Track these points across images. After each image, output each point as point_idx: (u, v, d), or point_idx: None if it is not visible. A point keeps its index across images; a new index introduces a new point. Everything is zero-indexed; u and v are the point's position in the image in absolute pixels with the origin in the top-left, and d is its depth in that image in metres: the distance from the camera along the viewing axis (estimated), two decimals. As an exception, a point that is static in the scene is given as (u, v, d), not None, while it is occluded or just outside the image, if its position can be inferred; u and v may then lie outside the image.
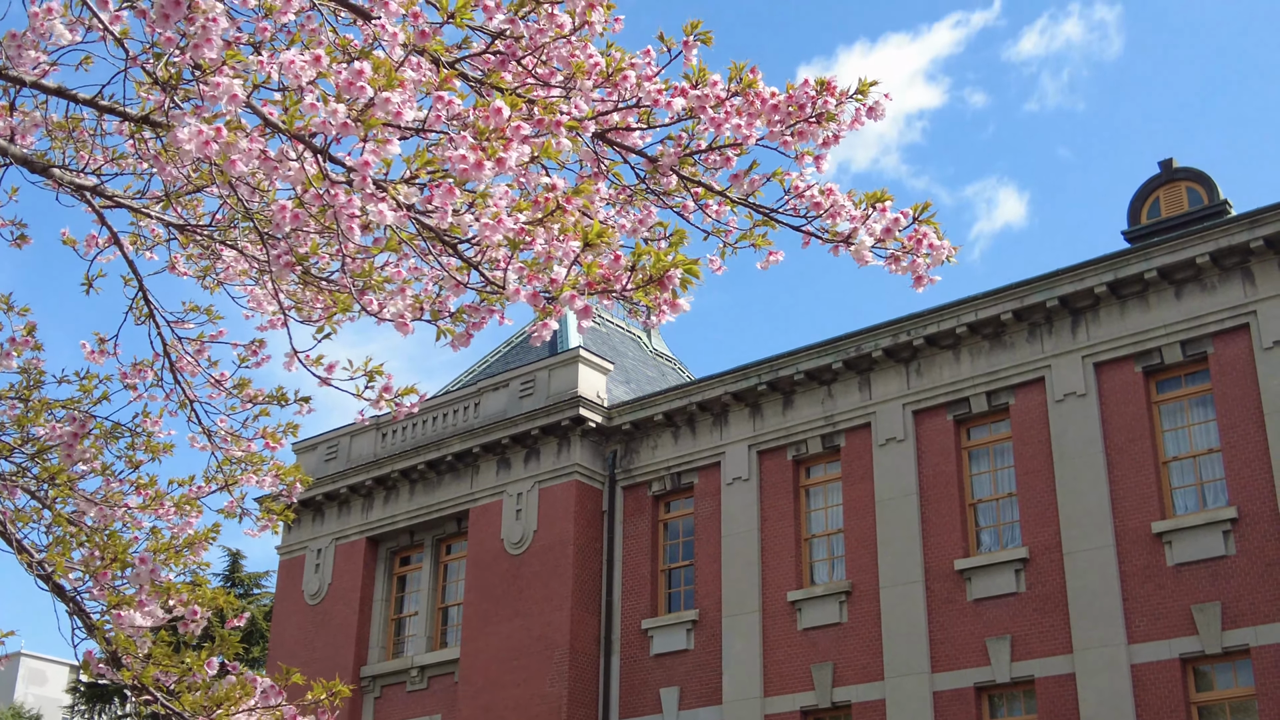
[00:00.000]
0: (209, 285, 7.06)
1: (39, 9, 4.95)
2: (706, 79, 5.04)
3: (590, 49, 4.97)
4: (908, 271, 5.08)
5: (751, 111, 5.02)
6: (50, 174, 6.15)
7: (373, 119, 4.17)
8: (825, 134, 5.07)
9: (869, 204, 5.06)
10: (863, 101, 5.10)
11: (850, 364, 25.67)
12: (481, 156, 4.17)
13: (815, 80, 5.06)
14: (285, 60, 4.29)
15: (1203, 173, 26.15)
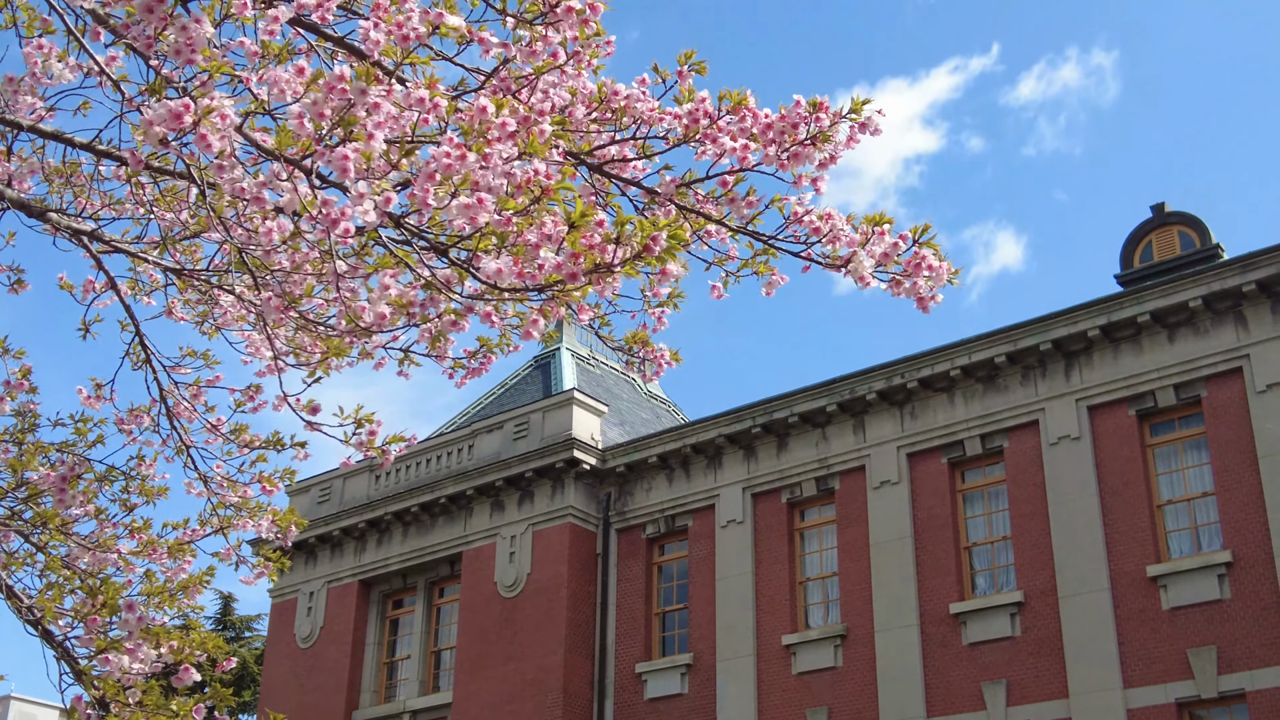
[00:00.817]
0: (207, 330, 7.06)
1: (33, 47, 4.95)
2: (695, 96, 5.01)
3: (583, 77, 4.98)
4: (910, 295, 5.08)
5: (744, 129, 5.01)
6: (48, 218, 6.15)
7: (352, 117, 4.16)
8: (821, 155, 5.06)
9: (869, 227, 5.05)
10: (857, 119, 5.09)
11: (844, 406, 25.67)
12: (465, 150, 4.14)
13: (808, 101, 5.05)
14: (272, 78, 4.28)
15: (1195, 217, 26.26)
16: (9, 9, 5.20)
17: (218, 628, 47.50)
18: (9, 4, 5.23)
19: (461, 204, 4.18)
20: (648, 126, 5.03)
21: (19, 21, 5.14)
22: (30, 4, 5.18)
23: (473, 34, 4.54)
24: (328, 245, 4.72)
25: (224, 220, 5.13)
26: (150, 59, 4.18)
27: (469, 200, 4.18)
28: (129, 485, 7.63)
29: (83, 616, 6.53)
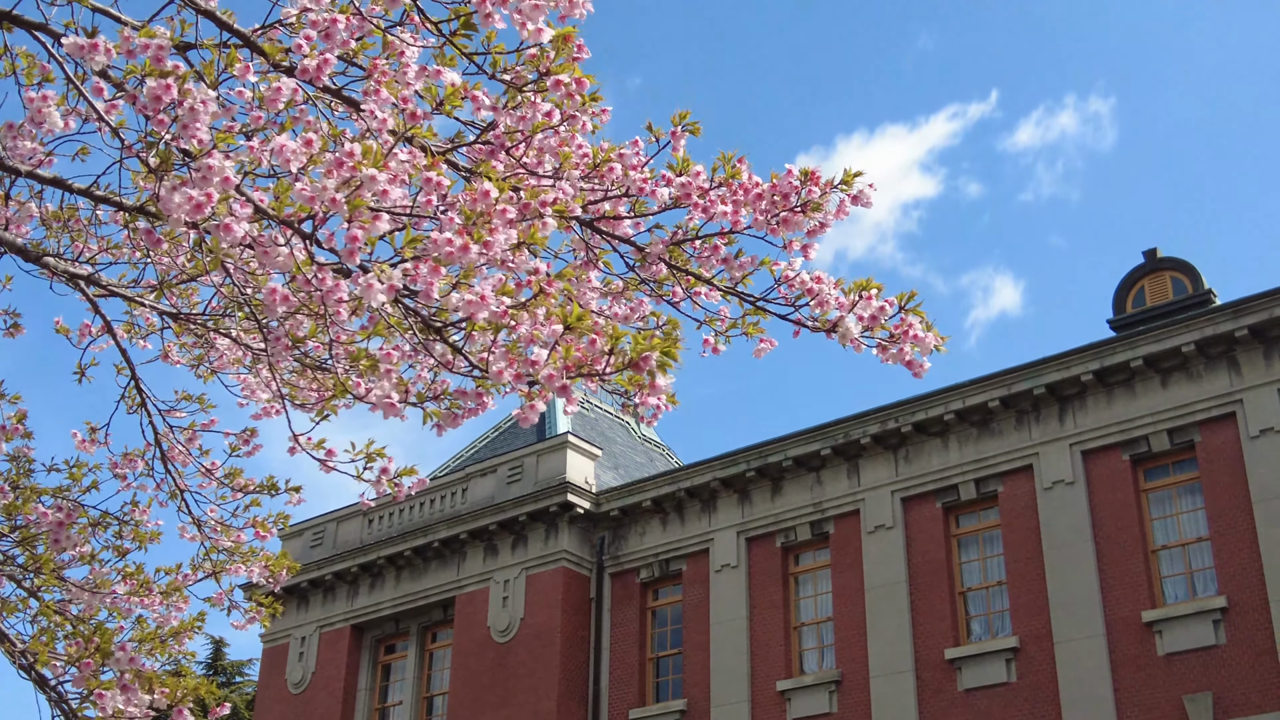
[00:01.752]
0: (202, 374, 7.08)
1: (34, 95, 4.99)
2: (690, 169, 5.10)
3: (578, 139, 5.04)
4: (898, 360, 5.11)
5: (737, 200, 5.08)
6: (44, 263, 6.17)
7: (359, 199, 4.21)
8: (811, 223, 5.12)
9: (856, 291, 5.10)
10: (848, 191, 5.16)
11: (839, 450, 25.67)
12: (468, 240, 4.20)
13: (800, 170, 5.12)
14: (276, 145, 4.33)
15: (1187, 262, 26.37)
16: (8, 56, 5.24)
17: (209, 673, 47.24)
18: (8, 52, 5.27)
19: (464, 299, 4.24)
20: (640, 194, 5.10)
21: (18, 69, 5.18)
22: (30, 52, 5.22)
23: (467, 90, 4.60)
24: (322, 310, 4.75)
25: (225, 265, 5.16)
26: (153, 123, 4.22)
27: (471, 297, 4.24)
28: (122, 530, 7.63)
29: (75, 661, 6.51)
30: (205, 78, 4.54)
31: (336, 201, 4.10)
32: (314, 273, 4.44)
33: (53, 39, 5.06)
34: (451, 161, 4.94)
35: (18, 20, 5.03)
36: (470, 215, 4.32)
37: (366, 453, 5.94)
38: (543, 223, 4.59)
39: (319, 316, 5.54)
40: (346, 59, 4.85)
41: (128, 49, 4.26)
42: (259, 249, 4.48)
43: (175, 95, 4.22)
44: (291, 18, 4.83)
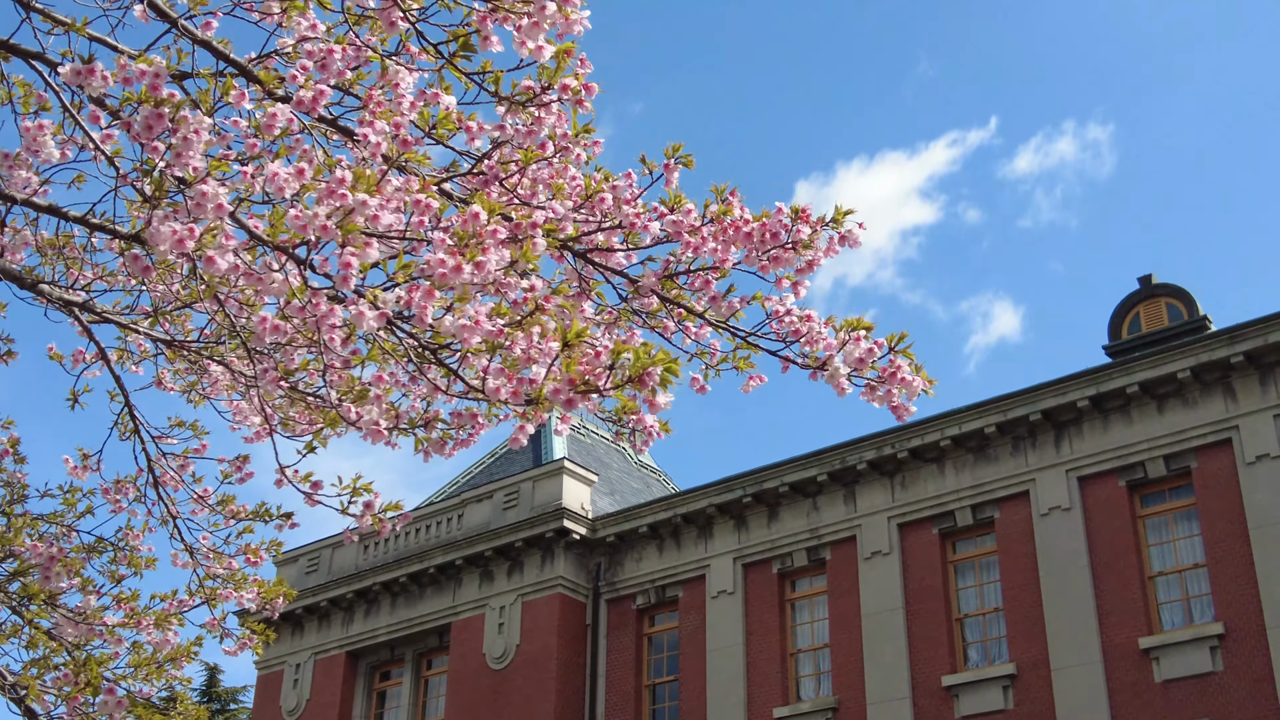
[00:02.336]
0: (195, 399, 7.08)
1: (31, 125, 5.01)
2: (682, 204, 5.12)
3: (571, 170, 5.06)
4: (884, 403, 5.11)
5: (727, 237, 5.10)
6: (39, 290, 6.18)
7: (351, 225, 4.22)
8: (801, 261, 5.14)
9: (846, 331, 5.10)
10: (838, 229, 5.17)
11: (835, 476, 25.66)
12: (460, 260, 4.21)
13: (790, 208, 5.13)
14: (270, 172, 4.34)
15: (1182, 288, 26.42)
16: (5, 85, 5.26)
17: (203, 700, 47.06)
18: (5, 80, 5.29)
19: (458, 324, 4.25)
20: (632, 227, 5.12)
21: (15, 98, 5.19)
22: (27, 81, 5.24)
23: (461, 121, 4.61)
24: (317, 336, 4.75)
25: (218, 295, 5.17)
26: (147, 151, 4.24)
27: (465, 321, 4.24)
28: (117, 556, 7.62)
29: (66, 697, 6.50)
30: (201, 105, 4.55)
31: (328, 229, 4.11)
32: (308, 299, 4.44)
33: (49, 68, 5.08)
34: (445, 191, 4.96)
35: (14, 49, 5.05)
36: (462, 236, 4.33)
37: (353, 486, 5.94)
38: (533, 242, 4.59)
39: (313, 344, 5.55)
40: (343, 89, 4.87)
41: (124, 76, 4.27)
42: (253, 277, 4.48)
43: (169, 123, 4.23)
44: (288, 48, 4.86)
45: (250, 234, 4.58)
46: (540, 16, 3.93)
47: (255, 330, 4.68)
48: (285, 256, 4.44)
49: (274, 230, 4.45)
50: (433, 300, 4.23)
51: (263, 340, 4.91)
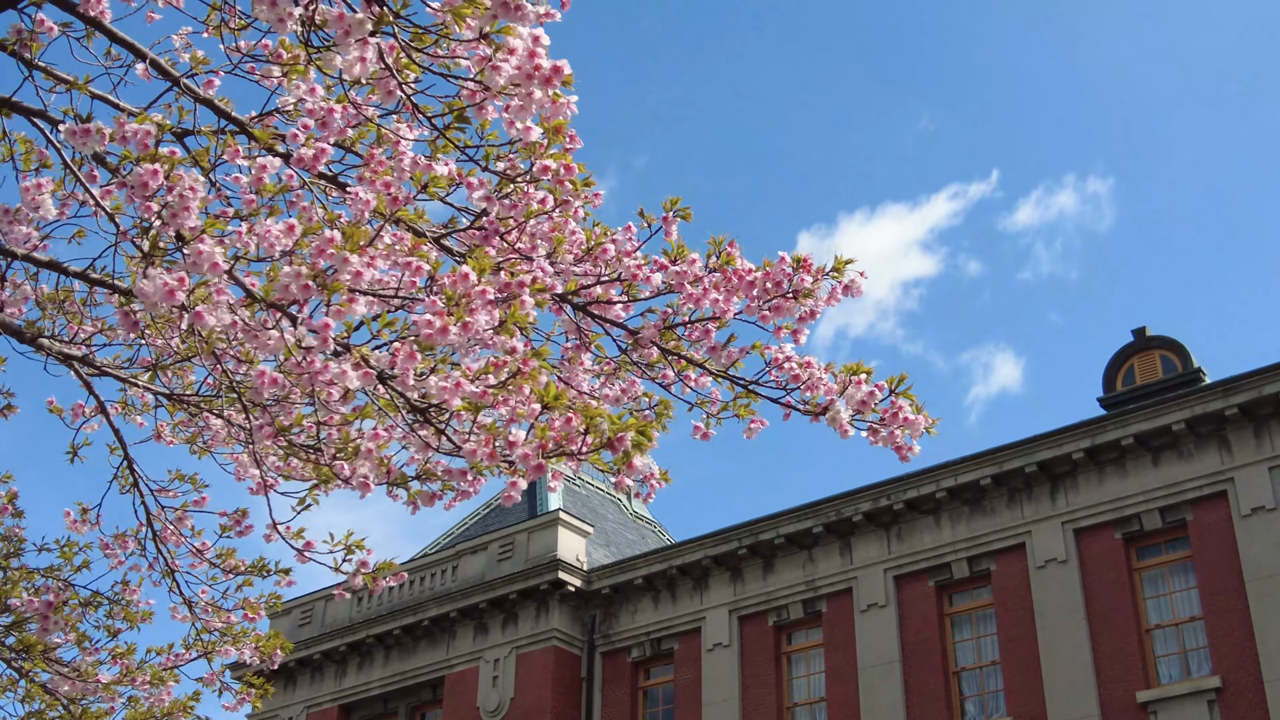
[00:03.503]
0: (196, 451, 7.10)
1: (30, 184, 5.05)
2: (685, 255, 5.17)
3: (571, 224, 5.10)
4: (887, 444, 5.15)
5: (729, 287, 5.14)
6: (39, 344, 6.21)
7: (336, 284, 4.25)
8: (802, 310, 5.18)
9: (846, 375, 5.14)
10: (839, 279, 5.21)
11: (831, 528, 25.61)
12: (447, 321, 4.24)
13: (792, 257, 5.18)
14: (262, 230, 4.38)
15: (1176, 341, 26.50)
16: (6, 142, 5.31)
17: (195, 753, 46.71)
18: (6, 137, 5.34)
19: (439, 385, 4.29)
20: (633, 279, 5.16)
21: (16, 155, 5.24)
22: (28, 138, 5.29)
23: (461, 176, 4.66)
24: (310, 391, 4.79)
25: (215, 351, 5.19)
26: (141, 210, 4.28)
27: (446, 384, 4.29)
28: (113, 610, 7.61)
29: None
30: (200, 163, 4.60)
31: (309, 287, 4.15)
32: (302, 355, 4.47)
33: (51, 125, 5.13)
34: (445, 247, 5.00)
35: (16, 107, 5.10)
36: (451, 297, 4.36)
37: (345, 544, 5.95)
38: (521, 302, 4.63)
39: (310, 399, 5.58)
40: (343, 146, 4.92)
41: (122, 134, 4.32)
42: (248, 333, 4.52)
43: (163, 180, 4.27)
44: (289, 106, 4.92)
45: (246, 291, 4.62)
46: (528, 102, 3.99)
47: (253, 385, 4.71)
48: (279, 314, 4.47)
49: (269, 288, 4.49)
50: (414, 363, 4.27)
51: (260, 395, 4.94)
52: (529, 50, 3.97)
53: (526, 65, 3.96)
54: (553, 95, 4.07)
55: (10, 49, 4.96)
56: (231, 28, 4.76)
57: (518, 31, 3.93)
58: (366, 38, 3.77)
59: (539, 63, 3.97)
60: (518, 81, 4.01)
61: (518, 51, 3.93)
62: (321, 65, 4.56)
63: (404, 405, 4.95)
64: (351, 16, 3.74)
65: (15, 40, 4.95)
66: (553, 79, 4.00)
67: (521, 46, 3.95)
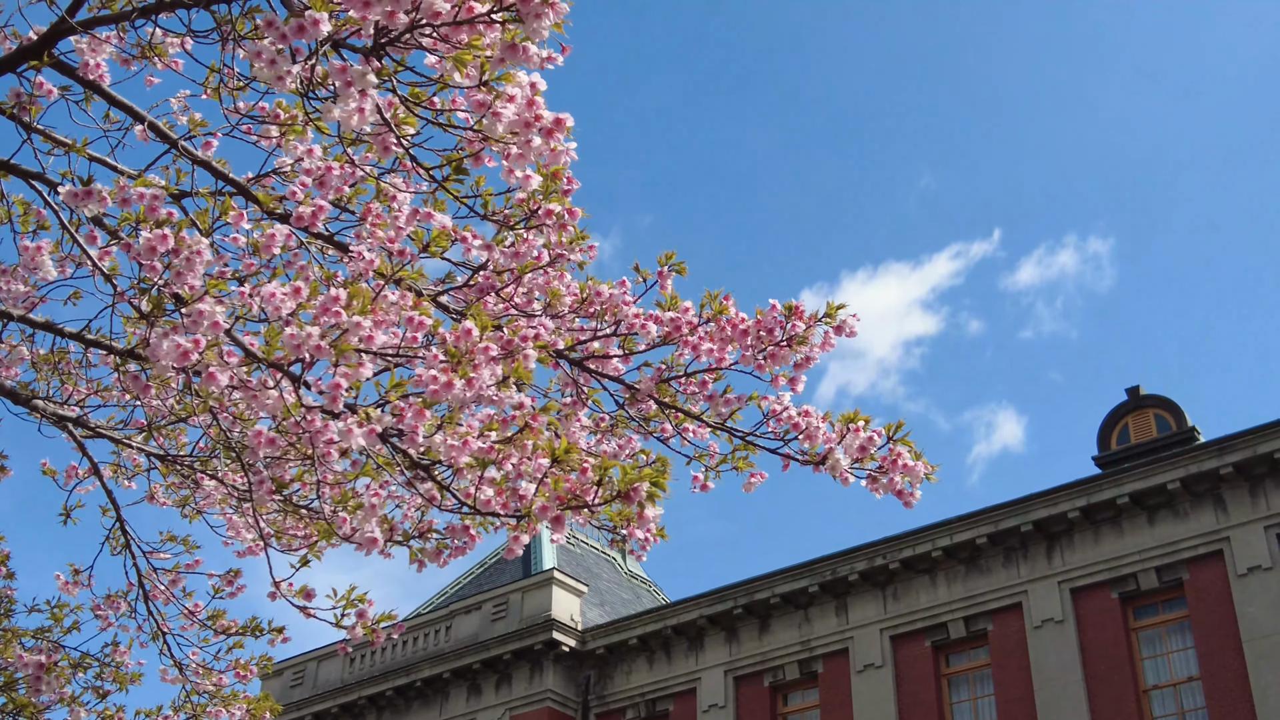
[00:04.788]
0: (188, 514, 7.07)
1: (30, 244, 5.07)
2: (679, 305, 5.18)
3: (567, 277, 5.12)
4: (888, 491, 5.14)
5: (724, 337, 5.15)
6: (33, 405, 6.21)
7: (345, 344, 4.26)
8: (797, 357, 5.19)
9: (844, 424, 5.14)
10: (831, 323, 5.23)
11: (827, 588, 25.50)
12: (452, 377, 4.25)
13: (784, 305, 5.20)
14: (267, 293, 4.39)
15: (1170, 399, 26.51)
16: (4, 204, 5.33)
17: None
18: (4, 199, 5.36)
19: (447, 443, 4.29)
20: (630, 330, 5.17)
21: (14, 216, 5.26)
22: (26, 200, 5.31)
23: (457, 233, 4.68)
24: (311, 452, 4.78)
25: (212, 410, 5.19)
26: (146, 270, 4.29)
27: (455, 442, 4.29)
28: (103, 672, 7.56)
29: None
30: (199, 225, 4.61)
31: (322, 348, 4.15)
32: (303, 415, 4.47)
33: (49, 187, 5.15)
34: (441, 304, 5.01)
35: (15, 169, 5.12)
36: (454, 353, 4.37)
37: (347, 598, 5.92)
38: (524, 356, 4.64)
39: (307, 458, 5.56)
40: (340, 205, 4.94)
41: (123, 197, 4.33)
42: (248, 393, 4.52)
43: (171, 244, 4.29)
44: (286, 166, 4.94)
45: (246, 351, 4.62)
46: (526, 149, 4.01)
47: (250, 444, 4.70)
48: (280, 374, 4.48)
49: (269, 348, 4.50)
50: (424, 420, 4.27)
51: (257, 454, 4.93)
52: (528, 98, 3.99)
53: (526, 113, 3.98)
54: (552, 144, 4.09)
55: (9, 112, 4.99)
56: (230, 89, 4.79)
57: (517, 78, 3.96)
58: (368, 89, 3.79)
59: (539, 112, 3.99)
60: (517, 129, 4.03)
61: (517, 98, 3.95)
62: (320, 124, 4.58)
63: (404, 462, 4.94)
64: (354, 68, 3.76)
65: (14, 103, 4.98)
66: (555, 131, 4.02)
67: (520, 94, 3.98)
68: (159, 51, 5.02)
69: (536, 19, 3.57)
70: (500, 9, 3.61)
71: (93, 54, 4.94)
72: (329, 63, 3.83)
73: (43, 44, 4.88)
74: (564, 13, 3.57)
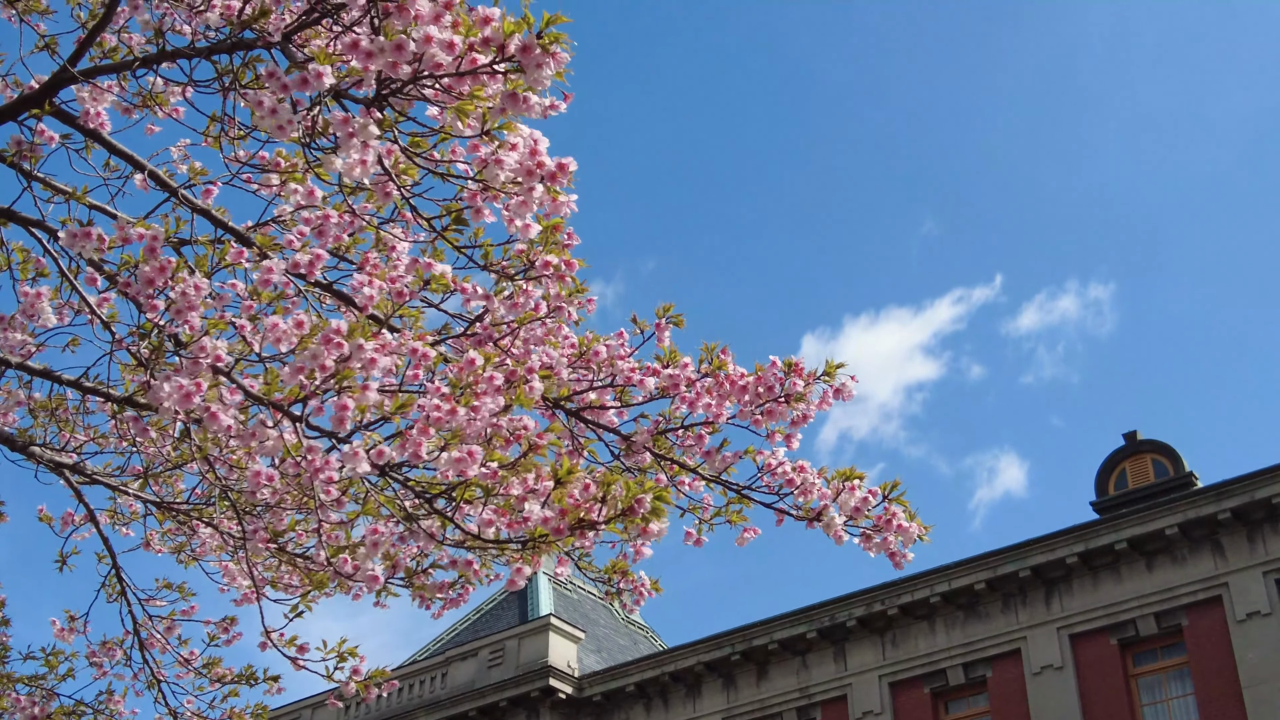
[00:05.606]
0: (184, 560, 7.06)
1: (29, 290, 5.08)
2: (678, 360, 5.20)
3: (565, 329, 5.13)
4: (881, 550, 5.14)
5: (722, 392, 5.17)
6: (30, 452, 6.20)
7: (348, 371, 4.25)
8: (794, 414, 5.20)
9: (840, 481, 5.15)
10: (830, 383, 5.25)
11: (825, 634, 25.38)
12: (455, 405, 4.24)
13: (783, 362, 5.22)
14: (269, 324, 4.39)
15: (1167, 445, 26.49)
16: (4, 251, 5.34)
17: None
18: (4, 246, 5.37)
19: (452, 459, 4.27)
20: (627, 383, 5.18)
21: (13, 264, 5.27)
22: (26, 247, 5.32)
23: (456, 283, 4.69)
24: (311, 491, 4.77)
25: (208, 457, 5.19)
26: (145, 310, 4.30)
27: (459, 454, 4.27)
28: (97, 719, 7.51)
29: None
30: (199, 270, 4.62)
31: (326, 367, 4.14)
32: (303, 455, 4.45)
33: (48, 235, 5.16)
34: (442, 355, 5.01)
35: (15, 217, 5.14)
36: (456, 384, 4.37)
37: (339, 651, 5.89)
38: (529, 387, 4.64)
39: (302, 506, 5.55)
40: (338, 254, 4.95)
41: (123, 238, 4.34)
42: (246, 435, 4.51)
43: (169, 279, 4.29)
44: (286, 215, 4.96)
45: (246, 392, 4.62)
46: (528, 198, 4.03)
47: (248, 484, 4.69)
48: (280, 414, 4.47)
49: (269, 388, 4.49)
50: (428, 438, 4.25)
51: (253, 495, 4.92)
52: (530, 148, 4.01)
53: (528, 161, 4.00)
54: (553, 193, 4.11)
55: (10, 160, 5.01)
56: (231, 138, 4.81)
57: (518, 128, 3.98)
58: (370, 141, 3.81)
59: (541, 159, 4.01)
60: (519, 177, 4.05)
61: (519, 147, 3.97)
62: (320, 171, 4.60)
63: (407, 497, 4.92)
64: (357, 120, 3.78)
65: (15, 152, 5.01)
66: (557, 176, 4.04)
67: (522, 143, 4.00)
68: (160, 100, 5.05)
69: (538, 69, 3.60)
70: (502, 59, 3.63)
71: (94, 103, 4.97)
72: (331, 114, 3.84)
73: (44, 93, 4.91)
74: (565, 62, 3.60)
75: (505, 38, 3.58)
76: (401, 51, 3.58)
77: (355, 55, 3.55)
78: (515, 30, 3.58)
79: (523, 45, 3.58)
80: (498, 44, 3.60)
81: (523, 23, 3.59)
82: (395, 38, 3.58)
